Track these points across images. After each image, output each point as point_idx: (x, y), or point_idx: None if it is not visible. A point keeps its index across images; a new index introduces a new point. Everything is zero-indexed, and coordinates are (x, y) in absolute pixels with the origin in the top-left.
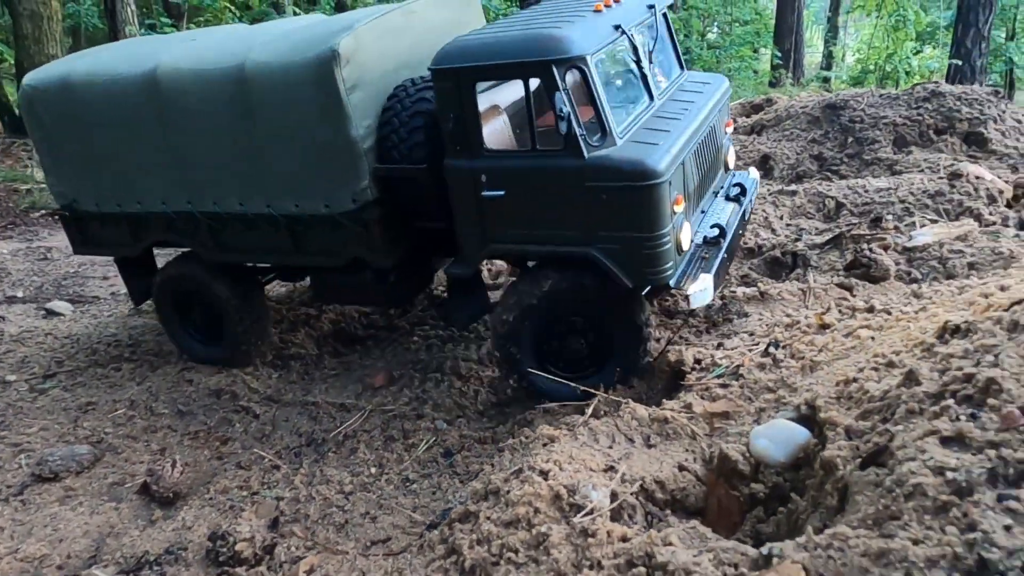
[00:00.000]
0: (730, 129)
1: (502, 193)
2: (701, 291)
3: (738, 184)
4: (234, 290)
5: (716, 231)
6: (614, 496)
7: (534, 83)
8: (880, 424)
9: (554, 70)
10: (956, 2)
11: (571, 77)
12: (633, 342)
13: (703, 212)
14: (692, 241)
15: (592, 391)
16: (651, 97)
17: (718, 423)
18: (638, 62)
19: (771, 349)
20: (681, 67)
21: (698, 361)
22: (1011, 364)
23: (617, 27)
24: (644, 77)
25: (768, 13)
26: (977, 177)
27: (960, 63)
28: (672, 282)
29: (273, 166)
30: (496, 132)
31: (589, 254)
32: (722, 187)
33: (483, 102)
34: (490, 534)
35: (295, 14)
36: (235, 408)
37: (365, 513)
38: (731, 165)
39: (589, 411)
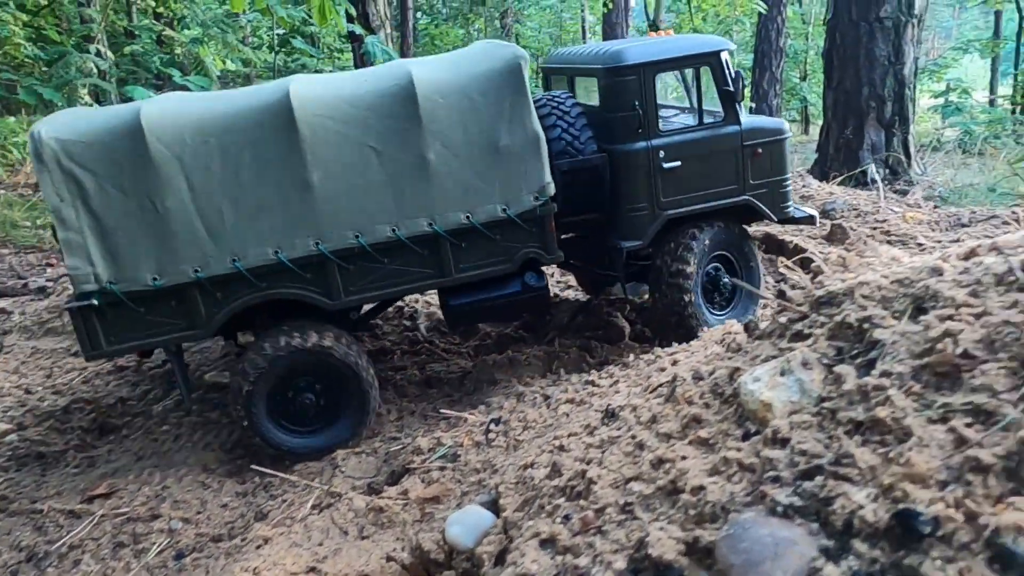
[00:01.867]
0: None
1: (679, 164)
2: (817, 215)
3: None
4: (361, 352)
5: None
6: None
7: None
8: (524, 519)
9: (722, 57)
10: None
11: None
12: (756, 267)
13: None
14: None
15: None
16: None
17: (429, 508)
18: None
19: (491, 426)
20: None
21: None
22: (612, 462)
23: None
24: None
25: None
26: None
27: (759, 103)
28: (796, 215)
29: (444, 179)
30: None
31: (746, 201)
32: None
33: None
34: None
35: (99, 53)
36: None
37: None
38: None
39: (308, 506)
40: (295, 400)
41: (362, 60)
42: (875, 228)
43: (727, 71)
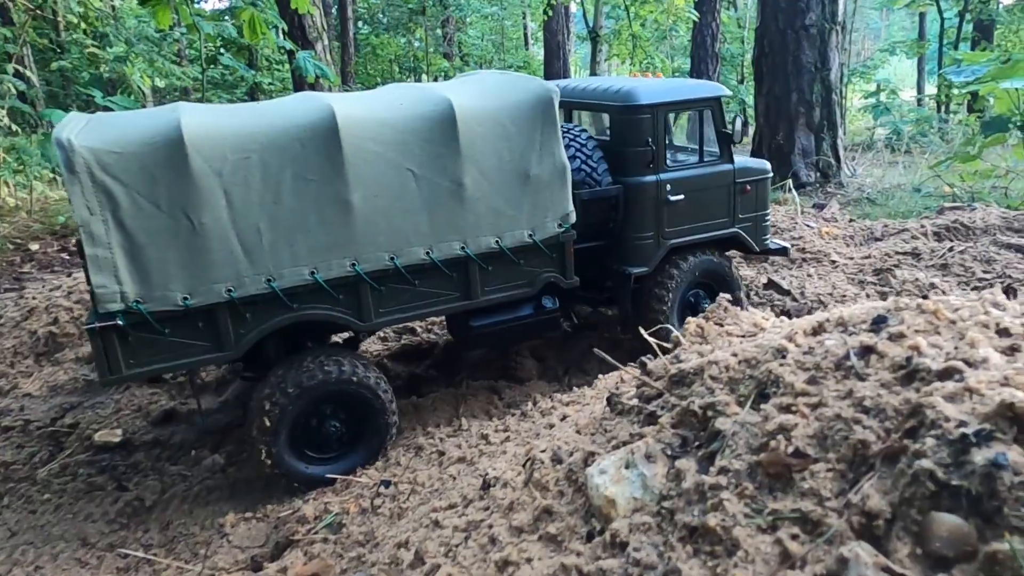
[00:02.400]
0: None
1: (682, 197)
2: (789, 247)
3: None
4: (381, 375)
5: None
6: None
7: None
8: None
9: (721, 102)
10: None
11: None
12: (737, 286)
13: None
14: None
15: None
16: None
17: None
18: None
19: (381, 489)
20: None
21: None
22: (466, 557)
23: None
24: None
25: (538, 60)
26: None
27: None
28: (772, 246)
29: (477, 204)
30: None
31: (735, 233)
32: None
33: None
34: None
35: (18, 73)
36: None
37: None
38: None
39: None
40: (319, 429)
41: (296, 75)
42: (792, 245)
43: (725, 115)
